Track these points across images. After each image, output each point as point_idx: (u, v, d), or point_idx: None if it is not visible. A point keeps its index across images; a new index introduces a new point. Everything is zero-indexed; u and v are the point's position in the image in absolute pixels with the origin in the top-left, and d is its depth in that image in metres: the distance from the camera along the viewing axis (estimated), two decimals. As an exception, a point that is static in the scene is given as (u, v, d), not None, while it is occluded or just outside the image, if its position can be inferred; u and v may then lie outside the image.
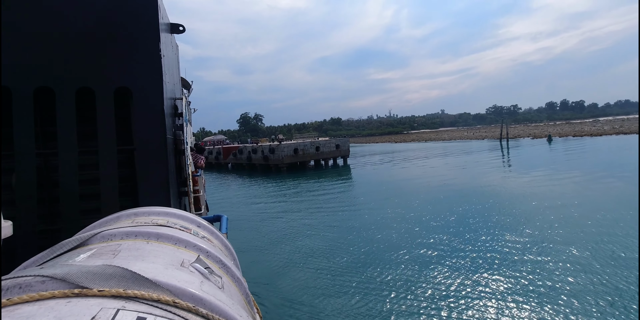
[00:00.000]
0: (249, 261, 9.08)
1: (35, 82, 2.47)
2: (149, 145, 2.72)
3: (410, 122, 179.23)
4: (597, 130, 60.78)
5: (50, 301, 0.68)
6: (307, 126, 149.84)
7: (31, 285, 0.73)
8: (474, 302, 6.23)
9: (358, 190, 19.71)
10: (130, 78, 2.71)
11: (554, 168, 21.79)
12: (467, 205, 13.41)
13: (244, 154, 40.60)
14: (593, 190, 14.56)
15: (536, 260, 7.86)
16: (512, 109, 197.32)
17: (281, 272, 8.27)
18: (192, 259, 1.20)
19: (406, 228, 11.01)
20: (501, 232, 9.90)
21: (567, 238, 9.05)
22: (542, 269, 7.36)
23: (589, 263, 7.51)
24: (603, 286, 6.47)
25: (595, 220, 10.34)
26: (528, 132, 76.52)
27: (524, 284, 6.76)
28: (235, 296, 1.22)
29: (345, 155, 38.49)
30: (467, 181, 19.30)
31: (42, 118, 2.63)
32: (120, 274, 0.81)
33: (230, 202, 19.18)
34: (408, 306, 6.29)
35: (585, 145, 37.89)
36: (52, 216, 2.56)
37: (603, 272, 7.02)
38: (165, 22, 3.30)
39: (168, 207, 1.93)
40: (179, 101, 4.09)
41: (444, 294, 6.63)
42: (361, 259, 8.70)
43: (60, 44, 2.54)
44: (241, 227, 13.04)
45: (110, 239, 1.24)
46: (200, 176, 6.20)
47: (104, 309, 0.67)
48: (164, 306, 0.77)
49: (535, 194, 14.52)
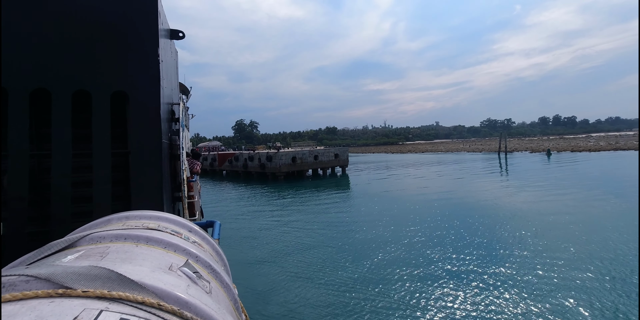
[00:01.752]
0: (241, 269, 8.98)
1: (32, 83, 2.48)
2: (143, 149, 2.72)
3: (405, 133, 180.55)
4: (594, 145, 61.38)
5: (33, 301, 0.67)
6: (303, 135, 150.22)
7: (15, 284, 0.72)
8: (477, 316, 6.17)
9: (357, 201, 19.39)
10: (128, 82, 2.73)
11: (572, 184, 20.83)
12: (485, 224, 12.51)
13: (240, 161, 40.01)
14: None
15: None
16: (505, 122, 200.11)
17: (273, 281, 8.18)
18: (181, 263, 1.19)
19: (407, 244, 10.68)
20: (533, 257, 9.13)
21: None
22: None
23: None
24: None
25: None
26: (524, 145, 77.12)
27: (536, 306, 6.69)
28: (223, 301, 1.21)
29: (344, 165, 38.09)
30: (478, 197, 18.22)
31: (38, 120, 2.63)
32: (106, 275, 0.81)
33: (225, 210, 18.89)
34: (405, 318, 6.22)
35: (588, 160, 37.69)
36: (43, 218, 2.54)
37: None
38: (165, 27, 3.34)
39: (160, 211, 1.92)
40: (176, 106, 4.11)
41: (443, 308, 6.58)
42: (357, 271, 8.62)
43: (58, 47, 2.56)
44: (236, 235, 12.91)
45: (99, 241, 1.24)
46: (195, 182, 6.17)
47: (87, 309, 0.67)
48: (148, 308, 0.76)
49: (563, 213, 13.67)
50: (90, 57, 2.63)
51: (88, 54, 2.62)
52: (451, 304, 6.57)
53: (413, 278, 7.89)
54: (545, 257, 8.74)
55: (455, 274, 8.04)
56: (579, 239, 10.14)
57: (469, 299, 6.73)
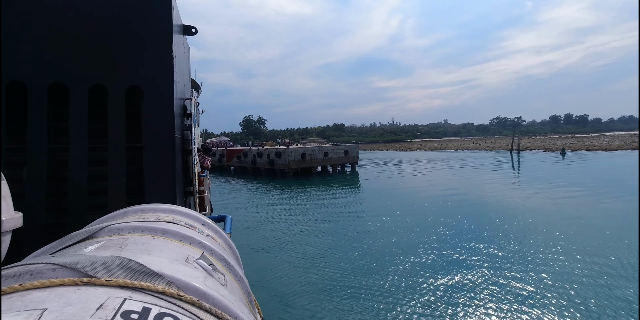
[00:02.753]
0: (250, 263, 9.06)
1: (50, 78, 2.53)
2: (157, 143, 2.76)
3: (413, 131, 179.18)
4: (609, 144, 59.91)
5: (60, 288, 0.69)
6: (310, 131, 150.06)
7: (42, 272, 0.75)
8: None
9: (368, 200, 18.80)
10: (142, 77, 2.76)
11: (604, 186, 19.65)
12: (514, 228, 11.83)
13: (248, 157, 39.95)
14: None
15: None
16: (515, 120, 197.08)
17: (283, 276, 8.24)
18: (197, 255, 1.21)
19: (419, 249, 10.12)
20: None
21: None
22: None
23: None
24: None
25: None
26: (536, 144, 75.78)
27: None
28: (237, 294, 1.23)
29: (354, 162, 37.43)
30: (499, 198, 17.32)
31: (55, 114, 2.68)
32: (128, 265, 0.83)
33: (234, 207, 18.78)
34: (412, 314, 6.22)
35: (605, 159, 36.27)
36: (59, 210, 2.60)
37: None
38: (178, 23, 3.36)
39: (174, 205, 1.95)
40: (188, 101, 4.15)
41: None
42: (366, 267, 8.59)
43: (76, 42, 2.60)
44: (246, 231, 12.95)
45: (118, 233, 1.26)
46: (206, 177, 6.23)
47: (111, 297, 0.69)
48: (168, 298, 0.78)
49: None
50: (107, 52, 2.66)
51: (104, 50, 2.66)
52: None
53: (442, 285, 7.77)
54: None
55: (500, 285, 7.58)
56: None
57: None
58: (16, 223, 1.28)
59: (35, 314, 0.58)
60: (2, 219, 1.18)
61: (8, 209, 1.26)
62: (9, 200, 1.28)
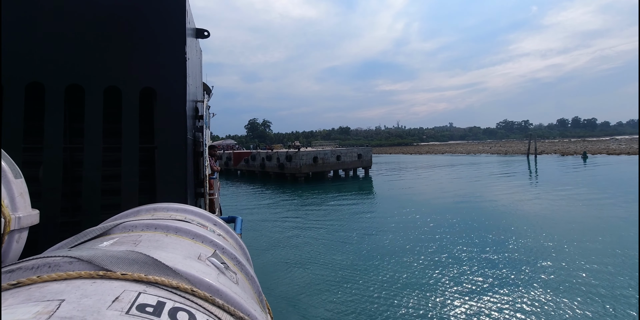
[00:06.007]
0: (259, 265, 9.06)
1: (67, 79, 2.58)
2: (169, 144, 2.79)
3: (419, 134, 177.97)
4: (629, 148, 58.38)
5: (77, 281, 0.70)
6: (315, 134, 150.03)
7: (59, 265, 0.76)
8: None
9: (383, 206, 18.20)
10: (156, 79, 2.80)
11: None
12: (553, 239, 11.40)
13: (257, 160, 38.69)
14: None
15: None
16: (523, 124, 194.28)
17: (293, 278, 8.22)
18: (209, 253, 1.21)
19: (435, 256, 9.96)
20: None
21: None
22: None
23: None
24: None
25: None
26: (550, 148, 74.41)
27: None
28: (249, 293, 1.23)
29: (367, 166, 35.80)
30: (528, 208, 16.38)
31: (71, 114, 2.74)
32: (143, 259, 0.83)
33: (245, 213, 18.15)
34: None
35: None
36: (74, 209, 2.64)
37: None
38: (191, 26, 3.41)
39: (186, 204, 1.96)
40: (200, 104, 4.19)
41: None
42: (378, 273, 8.50)
43: (92, 44, 2.66)
44: (256, 235, 12.90)
45: (132, 230, 1.28)
46: (215, 179, 6.28)
47: (127, 291, 0.69)
48: (182, 293, 0.78)
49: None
50: (121, 54, 2.71)
51: (119, 52, 2.71)
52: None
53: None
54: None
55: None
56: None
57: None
58: (33, 220, 1.31)
59: (53, 305, 0.58)
60: (20, 216, 1.20)
61: (26, 206, 1.28)
62: (26, 198, 1.31)
